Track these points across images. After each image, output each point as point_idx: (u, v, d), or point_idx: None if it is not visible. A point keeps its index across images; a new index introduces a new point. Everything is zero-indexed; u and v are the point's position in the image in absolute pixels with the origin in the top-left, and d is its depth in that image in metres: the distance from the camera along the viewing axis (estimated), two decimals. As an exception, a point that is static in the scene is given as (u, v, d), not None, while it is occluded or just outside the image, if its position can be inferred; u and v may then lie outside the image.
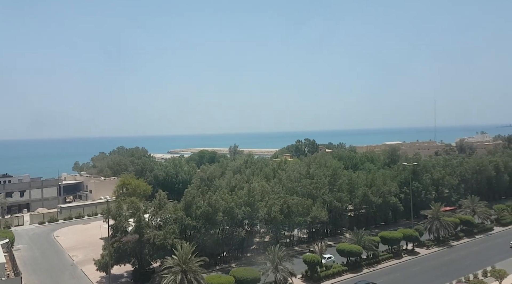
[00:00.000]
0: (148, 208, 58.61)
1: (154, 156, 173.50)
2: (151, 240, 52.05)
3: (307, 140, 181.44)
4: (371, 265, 58.43)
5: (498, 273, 33.47)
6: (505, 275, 33.38)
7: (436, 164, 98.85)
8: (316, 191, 73.21)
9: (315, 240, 68.07)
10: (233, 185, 71.84)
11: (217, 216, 58.16)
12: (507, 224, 79.66)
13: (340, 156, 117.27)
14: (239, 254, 63.59)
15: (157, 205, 58.16)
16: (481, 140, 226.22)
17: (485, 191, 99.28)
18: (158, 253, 52.36)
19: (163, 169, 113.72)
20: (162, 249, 51.70)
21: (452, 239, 70.13)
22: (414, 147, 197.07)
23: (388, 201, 77.91)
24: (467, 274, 50.86)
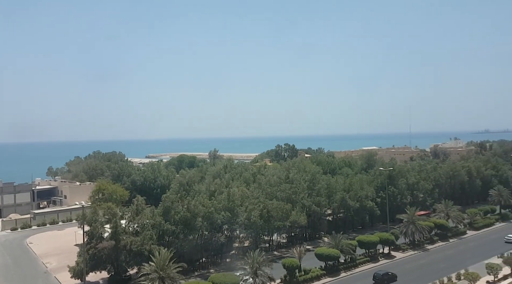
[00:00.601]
0: (125, 213, 57.67)
1: (132, 160, 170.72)
2: (127, 246, 51.18)
3: (287, 145, 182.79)
4: (349, 269, 59.12)
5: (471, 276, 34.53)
6: (477, 278, 34.47)
7: (411, 169, 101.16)
8: (295, 196, 73.74)
9: (294, 245, 68.35)
10: (213, 189, 71.56)
11: (196, 221, 57.76)
12: (480, 228, 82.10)
13: (319, 160, 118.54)
14: (218, 260, 63.23)
15: (135, 210, 57.30)
16: (455, 146, 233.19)
17: (458, 196, 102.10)
18: (135, 259, 51.52)
19: (141, 173, 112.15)
20: (139, 255, 50.91)
21: (427, 243, 71.75)
22: (390, 152, 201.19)
23: (365, 205, 79.19)
24: (441, 277, 52.03)
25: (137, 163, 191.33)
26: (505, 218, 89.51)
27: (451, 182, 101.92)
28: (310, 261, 58.79)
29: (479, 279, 35.04)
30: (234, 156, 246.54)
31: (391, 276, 53.92)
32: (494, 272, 35.72)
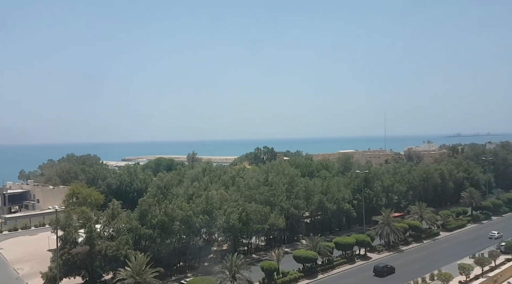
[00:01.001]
0: (100, 218, 56.58)
1: (107, 163, 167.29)
2: (102, 251, 50.15)
3: (266, 148, 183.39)
4: (326, 271, 59.76)
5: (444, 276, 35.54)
6: (450, 278, 35.53)
7: (386, 171, 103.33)
8: (274, 198, 74.06)
9: (272, 247, 68.61)
10: (191, 193, 71.04)
11: (174, 225, 57.17)
12: (452, 229, 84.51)
13: (297, 163, 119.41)
14: (196, 264, 62.70)
15: (110, 214, 56.24)
16: (428, 149, 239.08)
17: (431, 198, 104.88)
18: (110, 264, 50.51)
19: (117, 177, 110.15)
20: (114, 260, 49.93)
21: (402, 244, 73.30)
22: (366, 155, 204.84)
23: (342, 208, 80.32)
24: (416, 278, 53.33)
25: (113, 166, 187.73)
26: (477, 219, 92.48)
27: (425, 184, 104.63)
28: (288, 264, 59.16)
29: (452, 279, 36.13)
30: (213, 158, 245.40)
31: (389, 268, 58.42)
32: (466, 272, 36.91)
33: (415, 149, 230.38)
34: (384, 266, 58.36)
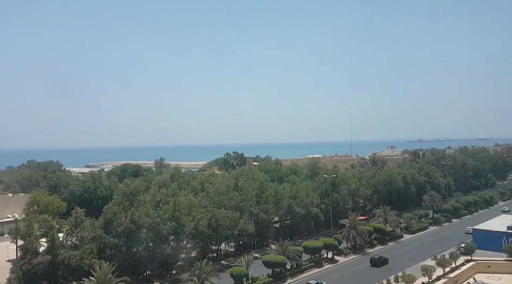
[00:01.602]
0: (62, 226, 54.52)
1: (70, 170, 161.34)
2: (66, 261, 48.35)
3: (236, 153, 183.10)
4: (295, 275, 60.28)
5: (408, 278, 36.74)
6: (414, 279, 36.80)
7: (352, 176, 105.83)
8: (243, 204, 74.06)
9: (242, 253, 68.45)
10: (158, 199, 69.78)
11: (141, 233, 55.94)
12: (415, 231, 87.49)
13: (266, 168, 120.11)
14: (163, 272, 61.56)
15: (73, 223, 54.33)
16: (391, 154, 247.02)
17: (395, 201, 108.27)
18: (73, 274, 48.74)
19: (81, 184, 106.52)
20: (78, 270, 48.24)
21: (367, 247, 75.13)
22: (333, 160, 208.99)
23: (310, 212, 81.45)
24: (381, 280, 54.77)
25: (76, 172, 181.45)
26: (438, 222, 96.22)
27: (389, 188, 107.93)
28: (258, 269, 59.20)
29: (415, 281, 37.42)
30: (182, 164, 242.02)
31: (384, 260, 65.52)
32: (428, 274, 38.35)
33: (379, 154, 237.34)
34: (379, 257, 65.38)
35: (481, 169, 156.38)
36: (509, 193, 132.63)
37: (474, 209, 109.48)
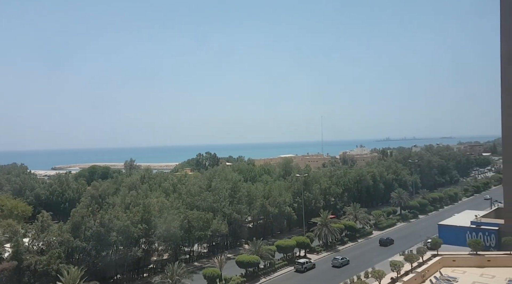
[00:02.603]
0: (28, 231, 52.57)
1: (36, 173, 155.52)
2: (32, 267, 46.64)
3: (208, 154, 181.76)
4: (268, 274, 60.63)
5: (378, 274, 37.71)
6: (383, 275, 37.83)
7: (324, 175, 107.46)
8: (217, 204, 73.76)
9: (215, 254, 68.18)
10: (128, 201, 68.42)
11: (110, 236, 54.69)
12: (384, 228, 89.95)
13: (239, 169, 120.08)
14: (134, 275, 60.42)
15: (39, 227, 52.46)
16: (361, 153, 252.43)
17: (364, 199, 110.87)
18: (40, 280, 47.06)
19: (47, 187, 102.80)
20: (45, 275, 46.64)
21: (338, 244, 76.59)
22: (305, 159, 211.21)
23: (283, 211, 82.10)
24: (351, 276, 55.97)
25: (42, 175, 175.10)
26: (405, 218, 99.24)
27: (358, 186, 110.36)
28: (231, 269, 59.13)
29: (385, 276, 38.48)
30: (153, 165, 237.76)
31: (391, 240, 76.48)
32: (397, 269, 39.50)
33: (349, 153, 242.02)
34: (387, 238, 77.19)
35: (446, 167, 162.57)
36: (472, 189, 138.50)
37: (440, 205, 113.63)
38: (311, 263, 63.39)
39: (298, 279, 59.14)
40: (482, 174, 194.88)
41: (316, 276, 59.79)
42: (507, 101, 55.36)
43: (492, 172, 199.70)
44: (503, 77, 55.82)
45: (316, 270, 62.52)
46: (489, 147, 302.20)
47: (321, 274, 60.57)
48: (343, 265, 63.23)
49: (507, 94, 55.38)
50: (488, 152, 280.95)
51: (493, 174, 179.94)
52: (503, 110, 55.82)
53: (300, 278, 59.28)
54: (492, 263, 43.47)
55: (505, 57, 55.60)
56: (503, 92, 55.72)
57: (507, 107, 55.30)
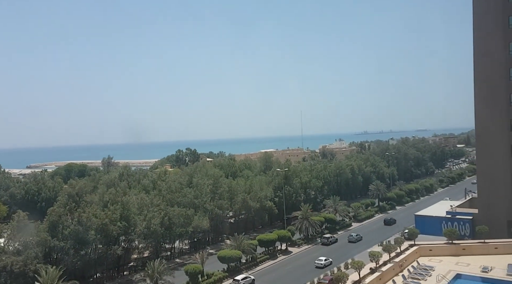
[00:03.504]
0: (3, 231, 51.04)
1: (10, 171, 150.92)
2: (8, 268, 45.37)
3: (188, 150, 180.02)
4: (250, 268, 60.93)
5: (357, 264, 38.42)
6: (362, 265, 38.54)
7: (304, 169, 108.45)
8: (198, 200, 73.42)
9: (197, 250, 67.95)
10: (107, 199, 67.25)
11: (89, 235, 53.74)
12: (362, 219, 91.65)
13: (220, 164, 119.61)
14: (114, 274, 59.63)
15: (15, 227, 51.02)
16: (339, 147, 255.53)
17: (344, 191, 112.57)
18: (17, 281, 45.90)
19: (22, 186, 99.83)
20: (22, 276, 45.54)
21: (319, 236, 77.57)
22: (286, 154, 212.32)
23: (264, 205, 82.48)
24: (332, 268, 56.86)
25: (16, 174, 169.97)
26: (383, 209, 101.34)
27: (338, 179, 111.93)
28: (213, 265, 59.14)
29: (364, 266, 39.24)
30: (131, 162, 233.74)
31: (394, 220, 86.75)
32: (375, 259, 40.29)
33: (328, 147, 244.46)
34: (391, 218, 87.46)
35: (422, 158, 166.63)
36: (448, 180, 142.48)
37: (416, 196, 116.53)
38: (334, 238, 75.25)
39: (322, 251, 68.67)
40: (457, 165, 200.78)
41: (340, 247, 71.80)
42: (480, 94, 57.06)
43: (466, 163, 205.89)
44: (476, 70, 57.44)
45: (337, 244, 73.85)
46: (463, 139, 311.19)
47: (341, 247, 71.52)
48: (358, 241, 74.68)
49: (480, 86, 57.07)
50: (462, 143, 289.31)
51: (467, 165, 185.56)
52: (476, 103, 57.51)
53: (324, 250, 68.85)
54: (467, 251, 44.91)
55: (478, 50, 57.22)
56: (476, 85, 57.38)
57: (480, 99, 57.01)
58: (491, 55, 56.18)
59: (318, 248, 71.71)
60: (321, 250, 70.15)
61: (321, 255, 66.07)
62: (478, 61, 57.27)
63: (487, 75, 56.47)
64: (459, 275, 38.93)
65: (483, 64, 56.86)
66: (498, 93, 55.38)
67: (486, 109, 56.42)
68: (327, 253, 66.88)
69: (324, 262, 60.67)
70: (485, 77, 56.52)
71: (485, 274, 38.50)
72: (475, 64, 57.45)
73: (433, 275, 38.75)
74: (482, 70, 56.83)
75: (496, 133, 55.52)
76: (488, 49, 56.40)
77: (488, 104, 56.17)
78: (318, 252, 68.97)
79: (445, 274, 38.44)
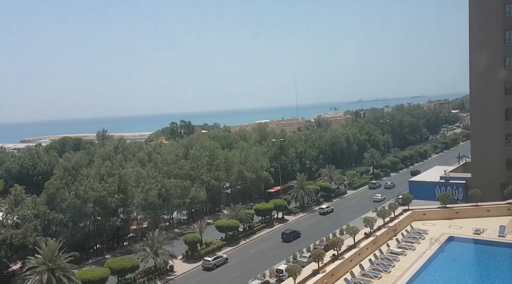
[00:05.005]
0: (1, 205, 51.30)
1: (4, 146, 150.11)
2: (7, 241, 45.91)
3: (183, 122, 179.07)
4: (248, 236, 62.09)
5: (352, 230, 39.10)
6: (357, 231, 39.24)
7: (299, 138, 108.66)
8: (194, 172, 73.76)
9: (195, 220, 68.92)
10: (103, 172, 67.40)
11: (87, 207, 54.15)
12: (357, 187, 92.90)
13: (216, 136, 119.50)
14: (114, 245, 60.61)
15: (13, 201, 51.28)
16: (335, 116, 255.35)
17: (339, 160, 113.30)
18: (17, 253, 46.63)
19: (17, 160, 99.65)
20: (22, 249, 46.17)
21: (314, 204, 78.77)
22: (281, 124, 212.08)
23: (260, 176, 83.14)
24: (328, 234, 58.14)
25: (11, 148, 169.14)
26: (378, 177, 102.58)
27: (333, 148, 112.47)
28: (211, 234, 60.19)
29: (359, 232, 40.02)
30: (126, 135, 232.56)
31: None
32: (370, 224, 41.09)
33: (323, 116, 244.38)
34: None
35: (416, 125, 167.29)
36: (442, 146, 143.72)
37: (410, 162, 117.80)
38: (331, 208, 75.50)
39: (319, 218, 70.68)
40: (451, 131, 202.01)
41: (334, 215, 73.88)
42: (475, 58, 56.51)
43: (460, 128, 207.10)
44: (471, 34, 56.62)
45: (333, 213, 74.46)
46: (458, 104, 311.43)
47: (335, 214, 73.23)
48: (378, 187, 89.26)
49: (475, 50, 56.44)
50: (456, 109, 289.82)
51: (461, 130, 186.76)
52: (471, 67, 57.06)
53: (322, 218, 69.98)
54: (459, 214, 45.77)
55: (473, 14, 56.19)
56: (471, 49, 56.74)
57: (475, 63, 56.51)
58: (486, 18, 55.24)
59: (314, 216, 72.99)
60: (317, 218, 71.52)
61: (318, 222, 67.48)
62: (473, 25, 56.35)
63: (482, 39, 55.72)
64: (452, 237, 39.83)
65: (478, 27, 55.99)
66: (494, 57, 54.84)
67: (481, 74, 56.05)
68: (323, 220, 68.17)
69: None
70: (481, 41, 55.80)
71: (477, 236, 39.43)
72: (471, 28, 56.56)
73: (426, 239, 39.65)
74: (477, 34, 56.03)
75: (491, 97, 55.42)
76: (483, 12, 55.39)
77: (483, 69, 55.75)
78: (314, 220, 70.37)
79: (438, 237, 39.33)
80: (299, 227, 65.48)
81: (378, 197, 79.41)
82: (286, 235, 59.73)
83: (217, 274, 49.26)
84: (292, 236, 59.67)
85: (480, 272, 34.62)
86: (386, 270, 33.27)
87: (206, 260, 50.86)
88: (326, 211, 73.93)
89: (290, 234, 59.83)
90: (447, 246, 38.22)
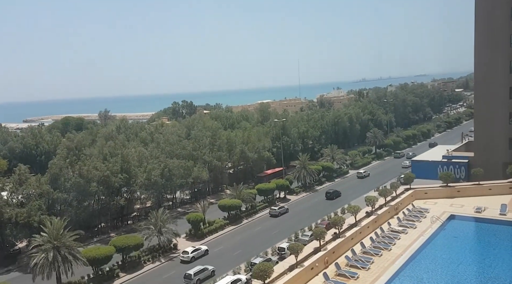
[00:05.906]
0: (6, 184, 51.82)
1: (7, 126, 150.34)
2: (13, 219, 46.65)
3: (185, 102, 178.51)
4: (250, 216, 62.74)
5: (353, 209, 39.40)
6: (358, 209, 39.54)
7: (301, 119, 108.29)
8: (196, 152, 73.93)
9: (198, 200, 69.49)
10: (106, 152, 67.64)
11: (91, 186, 54.59)
12: (359, 167, 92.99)
13: (218, 116, 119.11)
14: (118, 223, 61.42)
15: (17, 180, 51.75)
16: (337, 95, 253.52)
17: (341, 140, 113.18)
18: (23, 232, 47.45)
19: (20, 140, 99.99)
20: (27, 227, 46.99)
21: (317, 184, 79.13)
22: (283, 104, 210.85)
23: (263, 156, 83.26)
24: (329, 213, 58.63)
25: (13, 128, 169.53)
26: (380, 156, 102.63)
27: (335, 128, 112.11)
28: (214, 213, 60.81)
29: (360, 211, 40.31)
30: (128, 115, 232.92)
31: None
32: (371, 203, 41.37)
33: (326, 96, 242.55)
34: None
35: (420, 104, 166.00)
36: (445, 125, 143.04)
37: (413, 142, 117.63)
38: (338, 192, 72.02)
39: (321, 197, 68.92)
40: (455, 110, 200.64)
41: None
42: (480, 36, 55.51)
43: (464, 107, 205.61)
44: (476, 12, 55.47)
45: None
46: (462, 83, 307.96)
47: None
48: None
49: (480, 28, 55.40)
50: (460, 87, 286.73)
51: (465, 109, 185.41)
52: (476, 45, 56.12)
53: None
54: (461, 193, 45.85)
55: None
56: (477, 27, 55.68)
57: (480, 41, 55.55)
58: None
59: (316, 195, 73.43)
60: (320, 197, 71.98)
61: (319, 202, 67.92)
62: (479, 2, 55.15)
63: (487, 16, 54.58)
64: (453, 216, 40.01)
65: (483, 5, 54.78)
66: (499, 34, 53.82)
67: (486, 52, 55.12)
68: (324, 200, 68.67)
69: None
70: (486, 19, 54.67)
71: (478, 214, 39.60)
72: (476, 4, 55.37)
73: (428, 217, 39.86)
74: (482, 11, 54.86)
75: (496, 76, 54.68)
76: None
77: (488, 46, 54.80)
78: (316, 199, 70.83)
79: (439, 215, 39.52)
80: (301, 206, 66.05)
81: (407, 163, 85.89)
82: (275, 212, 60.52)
83: (221, 252, 49.99)
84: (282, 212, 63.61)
85: (481, 249, 34.90)
86: (387, 248, 33.61)
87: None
88: (334, 195, 70.70)
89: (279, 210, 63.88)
90: (448, 224, 38.43)
